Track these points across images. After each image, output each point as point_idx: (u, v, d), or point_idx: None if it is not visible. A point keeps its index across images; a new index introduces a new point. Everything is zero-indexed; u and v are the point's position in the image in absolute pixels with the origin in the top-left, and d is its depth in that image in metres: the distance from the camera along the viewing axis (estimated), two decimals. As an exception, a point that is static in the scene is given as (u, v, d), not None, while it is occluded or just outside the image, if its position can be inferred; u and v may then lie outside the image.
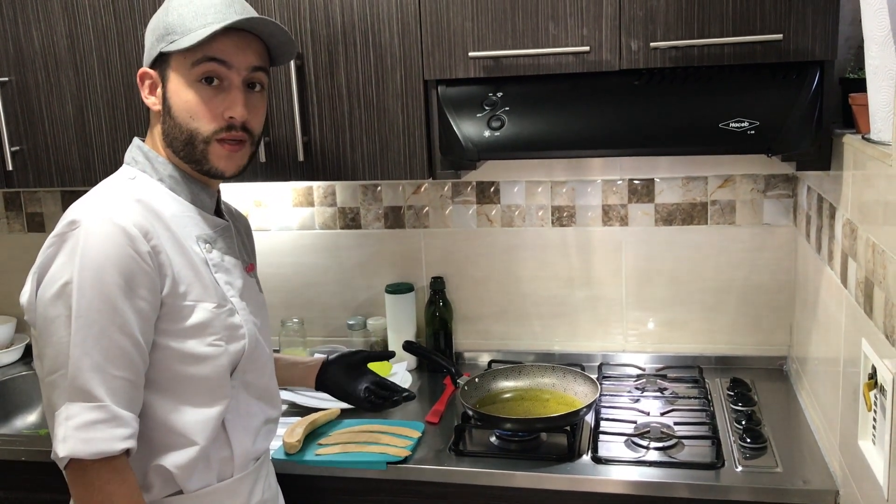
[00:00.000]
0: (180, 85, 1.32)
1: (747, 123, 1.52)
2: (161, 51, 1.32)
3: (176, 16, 1.31)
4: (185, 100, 1.31)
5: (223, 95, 1.33)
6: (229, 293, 1.36)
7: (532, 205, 2.17)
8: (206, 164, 1.35)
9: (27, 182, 1.97)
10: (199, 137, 1.33)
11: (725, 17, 1.57)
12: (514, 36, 1.67)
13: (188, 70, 1.31)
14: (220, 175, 1.37)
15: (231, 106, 1.32)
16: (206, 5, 1.31)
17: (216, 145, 1.33)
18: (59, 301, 1.20)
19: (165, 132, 1.35)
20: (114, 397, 1.20)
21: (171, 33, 1.31)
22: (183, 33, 1.30)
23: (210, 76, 1.31)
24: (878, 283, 1.26)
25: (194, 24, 1.30)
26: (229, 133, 1.33)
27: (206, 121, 1.32)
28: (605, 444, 1.71)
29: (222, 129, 1.33)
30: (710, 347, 2.15)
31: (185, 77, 1.31)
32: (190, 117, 1.32)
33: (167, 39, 1.31)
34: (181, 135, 1.33)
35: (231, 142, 1.34)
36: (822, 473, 1.58)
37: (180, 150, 1.35)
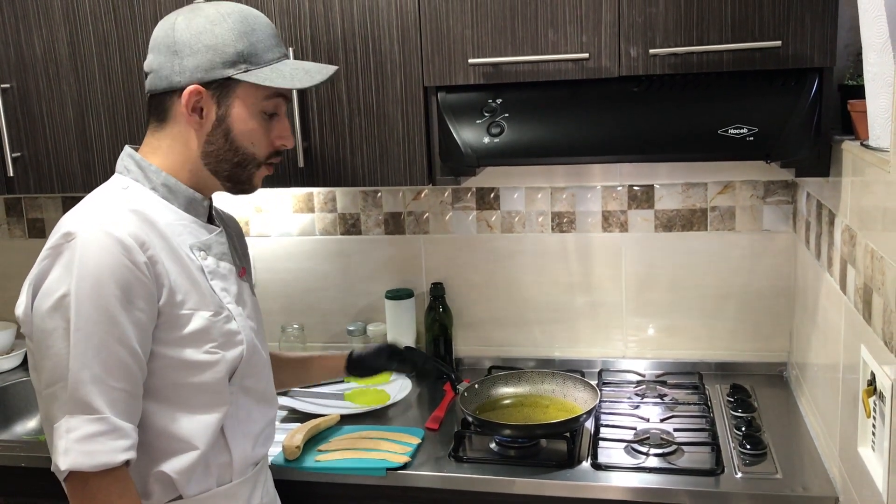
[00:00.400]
0: (246, 112, 1.34)
1: (746, 130, 1.53)
2: (234, 77, 1.32)
3: (245, 44, 1.32)
4: (251, 128, 1.36)
5: (275, 124, 1.39)
6: (225, 300, 1.36)
7: (532, 211, 2.17)
8: (248, 185, 1.41)
9: (28, 188, 1.98)
10: (255, 162, 1.38)
11: (724, 24, 1.58)
12: (514, 43, 1.67)
13: (259, 101, 1.35)
14: (250, 192, 1.43)
15: (284, 136, 1.40)
16: (266, 34, 1.36)
17: (263, 168, 1.41)
18: (57, 313, 1.20)
19: (211, 152, 1.36)
20: (113, 409, 1.20)
21: (245, 62, 1.32)
22: (258, 64, 1.33)
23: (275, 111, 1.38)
24: (877, 290, 1.26)
25: (267, 57, 1.35)
26: (276, 158, 1.42)
27: (263, 147, 1.38)
28: (605, 451, 1.71)
29: (273, 154, 1.41)
30: (709, 353, 2.15)
31: (253, 106, 1.35)
32: (251, 143, 1.37)
33: (240, 67, 1.32)
34: (235, 157, 1.36)
35: (273, 164, 1.42)
36: (821, 480, 1.57)
37: (227, 170, 1.38)
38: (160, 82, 1.33)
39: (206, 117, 1.34)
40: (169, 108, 1.34)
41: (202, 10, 1.34)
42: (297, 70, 1.37)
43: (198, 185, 1.38)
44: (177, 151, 1.36)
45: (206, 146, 1.35)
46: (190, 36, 1.31)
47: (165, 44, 1.32)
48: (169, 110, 1.34)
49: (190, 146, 1.36)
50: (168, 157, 1.36)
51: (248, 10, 1.36)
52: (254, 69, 1.33)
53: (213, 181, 1.39)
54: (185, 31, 1.31)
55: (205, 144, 1.35)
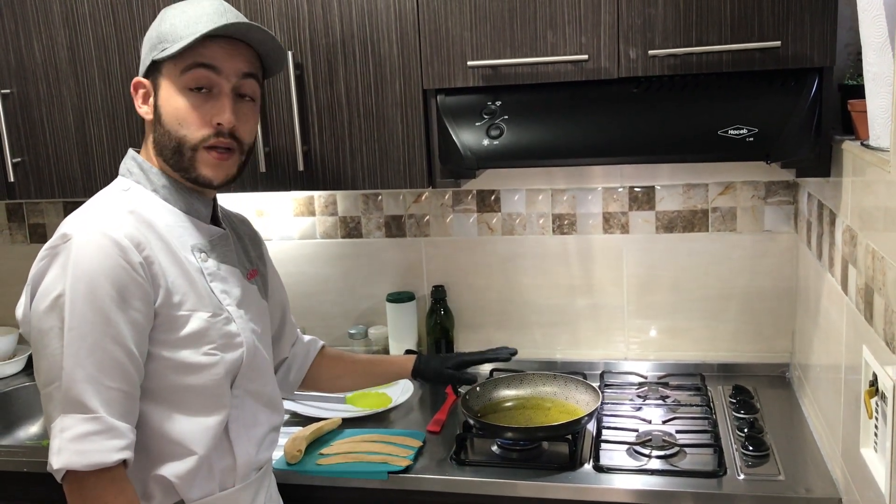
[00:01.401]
0: (171, 92, 1.33)
1: (746, 130, 1.52)
2: (153, 59, 1.33)
3: (168, 25, 1.33)
4: (175, 107, 1.32)
5: (212, 102, 1.33)
6: (225, 302, 1.36)
7: (533, 213, 2.17)
8: (194, 172, 1.35)
9: (29, 193, 1.98)
10: (188, 144, 1.33)
11: (723, 25, 1.57)
12: (513, 45, 1.67)
13: (178, 77, 1.32)
14: (207, 183, 1.36)
15: (219, 112, 1.32)
16: (198, 14, 1.32)
17: (204, 153, 1.33)
18: (53, 313, 1.20)
19: (156, 140, 1.36)
20: (108, 409, 1.20)
21: (163, 42, 1.32)
22: (174, 41, 1.31)
23: (200, 83, 1.32)
24: (878, 290, 1.26)
25: (185, 33, 1.31)
26: (217, 140, 1.33)
27: (194, 127, 1.32)
28: (607, 453, 1.71)
29: (210, 135, 1.33)
30: (711, 355, 2.14)
31: (175, 84, 1.32)
32: (179, 124, 1.32)
33: (159, 48, 1.32)
34: (170, 142, 1.33)
35: (219, 149, 1.34)
36: (824, 481, 1.57)
37: (169, 157, 1.35)
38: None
39: (151, 107, 1.36)
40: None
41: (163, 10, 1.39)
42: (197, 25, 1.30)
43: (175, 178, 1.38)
44: (149, 149, 1.39)
45: (154, 135, 1.36)
46: (145, 36, 1.38)
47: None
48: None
49: (150, 139, 1.38)
50: (149, 156, 1.39)
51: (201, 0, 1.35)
52: (169, 46, 1.31)
53: (175, 174, 1.37)
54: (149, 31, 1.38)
55: (154, 134, 1.36)
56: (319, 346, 1.74)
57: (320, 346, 1.75)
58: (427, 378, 1.73)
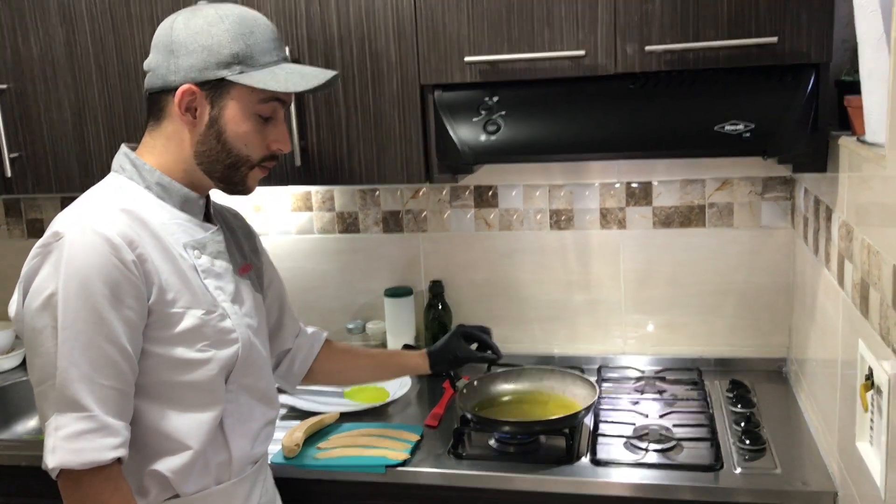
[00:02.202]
0: (240, 114, 1.33)
1: (742, 126, 1.53)
2: (228, 78, 1.31)
3: (241, 46, 1.31)
4: (244, 130, 1.34)
5: (271, 127, 1.38)
6: (220, 298, 1.36)
7: (530, 208, 2.17)
8: (242, 186, 1.40)
9: (26, 188, 1.98)
10: (248, 164, 1.37)
11: (720, 20, 1.57)
12: (510, 40, 1.67)
13: (254, 104, 1.33)
14: (245, 193, 1.42)
15: (280, 140, 1.38)
16: (265, 38, 1.34)
17: (257, 170, 1.39)
18: (45, 312, 1.20)
19: (203, 152, 1.35)
20: (103, 407, 1.20)
21: (240, 63, 1.31)
22: (254, 66, 1.32)
23: (272, 114, 1.37)
24: (874, 285, 1.26)
25: (263, 60, 1.33)
26: (271, 161, 1.40)
27: (257, 150, 1.37)
28: (604, 447, 1.71)
29: (267, 157, 1.39)
30: (709, 349, 2.15)
31: (247, 109, 1.33)
32: (244, 145, 1.35)
33: (235, 69, 1.31)
34: (227, 159, 1.35)
35: (268, 167, 1.41)
36: (820, 475, 1.58)
37: (220, 171, 1.36)
38: (156, 81, 1.34)
39: (200, 117, 1.33)
40: (164, 107, 1.34)
41: (202, 10, 1.33)
42: (292, 74, 1.35)
43: (192, 184, 1.38)
44: (171, 151, 1.36)
45: (199, 146, 1.35)
46: (186, 36, 1.31)
47: (164, 43, 1.33)
48: (164, 109, 1.34)
49: (184, 146, 1.35)
50: (163, 156, 1.36)
51: (248, 12, 1.35)
52: (248, 71, 1.31)
53: (206, 181, 1.38)
54: (182, 30, 1.31)
55: (197, 144, 1.35)
56: (324, 338, 1.75)
57: (324, 338, 1.75)
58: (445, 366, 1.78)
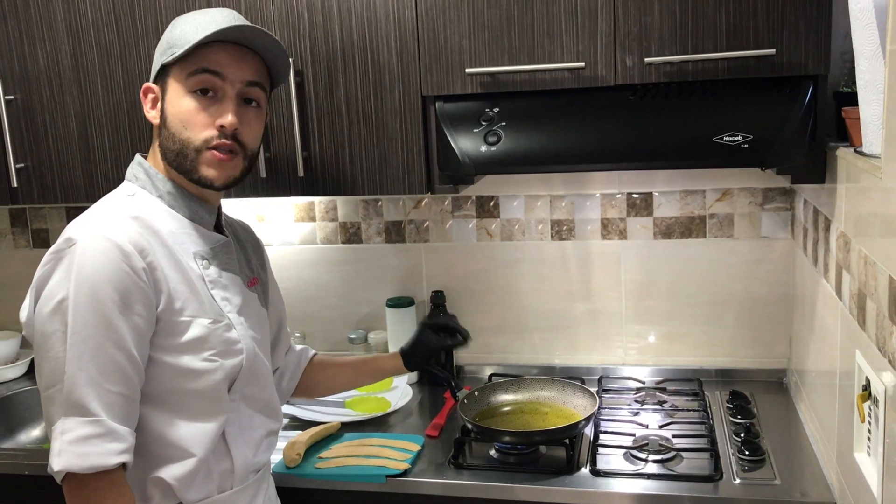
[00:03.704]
0: (177, 95, 1.35)
1: (741, 137, 1.54)
2: (162, 63, 1.36)
3: (178, 31, 1.36)
4: (180, 109, 1.34)
5: (216, 106, 1.35)
6: (226, 309, 1.38)
7: (531, 219, 2.18)
8: (196, 174, 1.36)
9: (32, 198, 2.00)
10: (192, 146, 1.34)
11: (719, 32, 1.59)
12: (511, 52, 1.69)
13: (184, 80, 1.34)
14: (209, 184, 1.37)
15: (222, 114, 1.34)
16: (207, 20, 1.35)
17: (206, 153, 1.35)
18: (56, 317, 1.21)
19: (161, 144, 1.38)
20: (109, 412, 1.21)
21: (172, 47, 1.35)
22: (182, 46, 1.34)
23: (205, 87, 1.34)
24: (871, 295, 1.27)
25: (194, 38, 1.33)
26: (220, 141, 1.34)
27: (197, 129, 1.34)
28: (604, 457, 1.72)
29: (213, 137, 1.34)
30: (709, 360, 2.15)
31: (181, 87, 1.35)
32: (183, 126, 1.34)
33: (167, 53, 1.35)
34: (174, 145, 1.35)
35: (221, 150, 1.35)
36: (819, 486, 1.58)
37: (173, 160, 1.36)
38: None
39: (158, 111, 1.38)
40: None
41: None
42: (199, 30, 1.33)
43: (180, 184, 1.40)
44: (155, 153, 1.41)
45: (160, 140, 1.38)
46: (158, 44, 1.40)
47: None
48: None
49: (157, 144, 1.40)
50: (156, 161, 1.41)
51: (214, 10, 1.39)
52: (177, 50, 1.34)
53: (180, 178, 1.38)
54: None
55: (160, 139, 1.38)
56: (311, 355, 1.75)
57: (311, 355, 1.76)
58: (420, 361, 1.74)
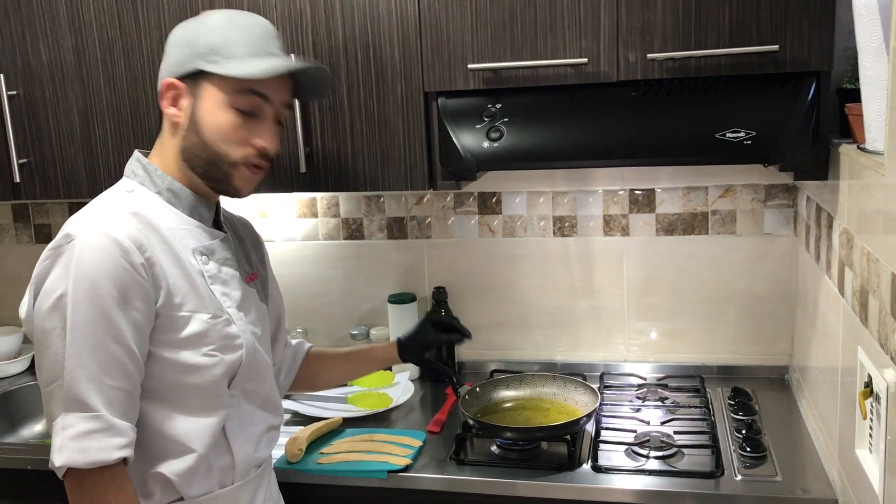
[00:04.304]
0: (216, 106, 1.32)
1: (744, 134, 1.54)
2: (202, 69, 1.32)
3: (220, 37, 1.32)
4: (220, 122, 1.32)
5: (255, 124, 1.35)
6: (226, 304, 1.38)
7: (534, 215, 2.18)
8: (227, 185, 1.37)
9: (34, 194, 2.00)
10: (227, 160, 1.34)
11: (722, 29, 1.58)
12: (513, 48, 1.68)
13: (228, 95, 1.32)
14: (236, 195, 1.39)
15: (264, 136, 1.35)
16: (252, 33, 1.34)
17: (242, 169, 1.36)
18: (55, 313, 1.22)
19: (185, 147, 1.35)
20: (110, 407, 1.21)
21: (216, 54, 1.31)
22: (229, 57, 1.31)
23: (251, 108, 1.34)
24: (873, 292, 1.27)
25: (241, 51, 1.32)
26: (258, 161, 1.36)
27: (235, 146, 1.34)
28: (605, 453, 1.72)
29: (252, 156, 1.35)
30: (711, 357, 2.15)
31: (223, 100, 1.32)
32: (220, 139, 1.33)
33: (210, 59, 1.31)
34: (204, 153, 1.34)
35: (256, 167, 1.37)
36: (821, 482, 1.58)
37: (200, 166, 1.35)
38: (158, 84, 1.37)
39: (185, 112, 1.34)
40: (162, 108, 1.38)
41: (202, 15, 1.38)
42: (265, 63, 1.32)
43: (192, 185, 1.39)
44: (168, 150, 1.38)
45: (183, 141, 1.35)
46: (178, 36, 1.36)
47: (166, 49, 1.37)
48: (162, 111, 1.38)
49: (174, 142, 1.37)
50: (165, 157, 1.39)
51: (245, 14, 1.38)
52: (223, 61, 1.31)
53: (197, 180, 1.38)
54: (177, 32, 1.37)
55: (182, 140, 1.35)
56: (307, 348, 1.76)
57: (307, 348, 1.76)
58: (416, 353, 1.76)
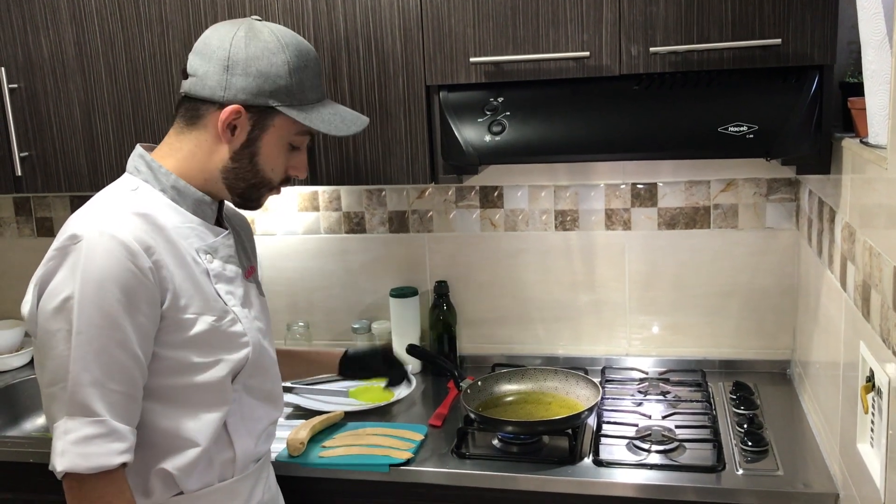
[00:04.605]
0: (277, 141, 1.39)
1: (746, 128, 1.53)
2: (278, 108, 1.35)
3: (297, 80, 1.36)
4: (276, 155, 1.40)
5: (294, 154, 1.45)
6: (231, 303, 1.37)
7: (535, 209, 2.18)
8: (256, 203, 1.45)
9: (36, 187, 2.00)
10: (268, 185, 1.43)
11: (725, 22, 1.58)
12: (515, 41, 1.68)
13: (291, 134, 1.40)
14: (255, 209, 1.47)
15: (299, 167, 1.46)
16: (315, 73, 1.41)
17: (274, 190, 1.45)
18: (60, 315, 1.21)
19: (233, 169, 1.38)
20: (112, 412, 1.22)
21: (291, 97, 1.36)
22: (301, 101, 1.37)
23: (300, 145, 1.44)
24: (875, 287, 1.27)
25: (311, 96, 1.40)
26: (286, 184, 1.47)
27: (280, 173, 1.43)
28: (607, 447, 1.72)
29: (285, 179, 1.45)
30: (713, 351, 2.15)
31: (284, 138, 1.40)
32: (271, 169, 1.41)
33: (285, 100, 1.36)
34: (253, 178, 1.40)
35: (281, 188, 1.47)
36: (822, 476, 1.58)
37: (242, 188, 1.41)
38: (202, 90, 1.34)
39: (237, 136, 1.36)
40: (203, 115, 1.35)
41: (262, 33, 1.35)
42: (335, 116, 1.42)
43: (208, 192, 1.40)
44: (198, 159, 1.37)
45: (231, 163, 1.37)
46: (246, 57, 1.33)
47: (218, 56, 1.33)
48: (202, 118, 1.36)
49: (213, 158, 1.37)
50: (187, 161, 1.37)
51: (304, 44, 1.40)
52: (296, 105, 1.37)
53: (224, 193, 1.42)
54: (242, 49, 1.33)
55: (230, 161, 1.37)
56: None
57: None
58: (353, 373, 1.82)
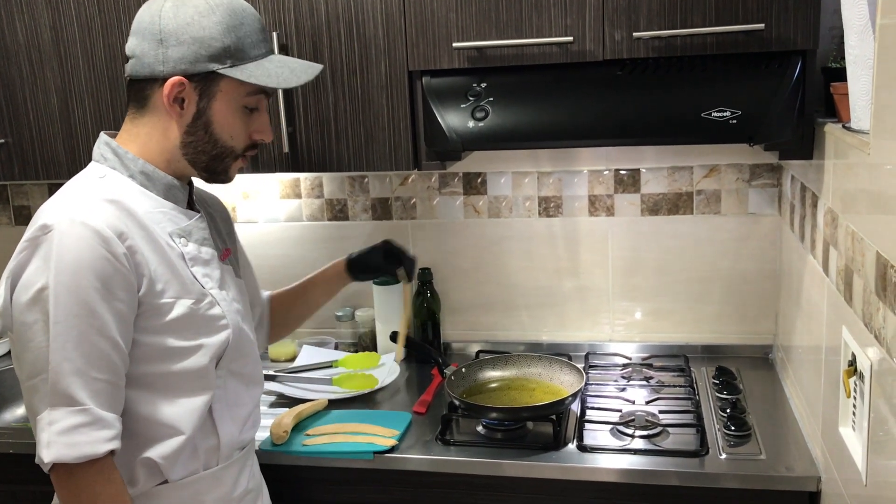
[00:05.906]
0: (227, 106, 1.34)
1: (729, 113, 1.53)
2: (219, 72, 1.30)
3: (234, 38, 1.31)
4: (231, 121, 1.35)
5: (255, 117, 1.39)
6: (208, 285, 1.36)
7: (519, 195, 2.18)
8: (223, 176, 1.40)
9: (13, 175, 1.97)
10: (232, 154, 1.38)
11: (708, 7, 1.58)
12: (498, 26, 1.67)
13: (242, 96, 1.34)
14: (225, 182, 1.42)
15: (263, 130, 1.40)
16: (254, 29, 1.35)
17: (239, 159, 1.40)
18: (36, 306, 1.20)
19: (190, 143, 1.34)
20: (96, 400, 1.20)
21: (230, 57, 1.31)
22: (242, 59, 1.32)
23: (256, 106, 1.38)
24: (858, 272, 1.27)
25: (253, 53, 1.33)
26: (252, 150, 1.41)
27: (241, 140, 1.38)
28: (591, 433, 1.72)
29: (249, 146, 1.40)
30: (695, 336, 2.16)
31: (235, 101, 1.34)
32: (230, 136, 1.36)
33: (224, 62, 1.30)
34: (213, 149, 1.36)
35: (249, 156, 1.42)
36: (804, 460, 1.59)
37: (205, 161, 1.37)
38: (142, 69, 1.31)
39: (187, 109, 1.32)
40: (149, 95, 1.32)
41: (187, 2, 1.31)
42: (282, 68, 1.35)
43: (175, 172, 1.38)
44: (155, 140, 1.35)
45: (186, 137, 1.34)
46: (177, 26, 1.29)
47: (150, 31, 1.30)
48: (149, 98, 1.33)
49: (169, 136, 1.34)
50: (146, 145, 1.35)
51: (235, 1, 1.34)
52: (239, 65, 1.32)
53: (189, 170, 1.38)
54: (172, 19, 1.29)
55: (184, 135, 1.34)
56: (266, 297, 1.76)
57: (266, 297, 1.77)
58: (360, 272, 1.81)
